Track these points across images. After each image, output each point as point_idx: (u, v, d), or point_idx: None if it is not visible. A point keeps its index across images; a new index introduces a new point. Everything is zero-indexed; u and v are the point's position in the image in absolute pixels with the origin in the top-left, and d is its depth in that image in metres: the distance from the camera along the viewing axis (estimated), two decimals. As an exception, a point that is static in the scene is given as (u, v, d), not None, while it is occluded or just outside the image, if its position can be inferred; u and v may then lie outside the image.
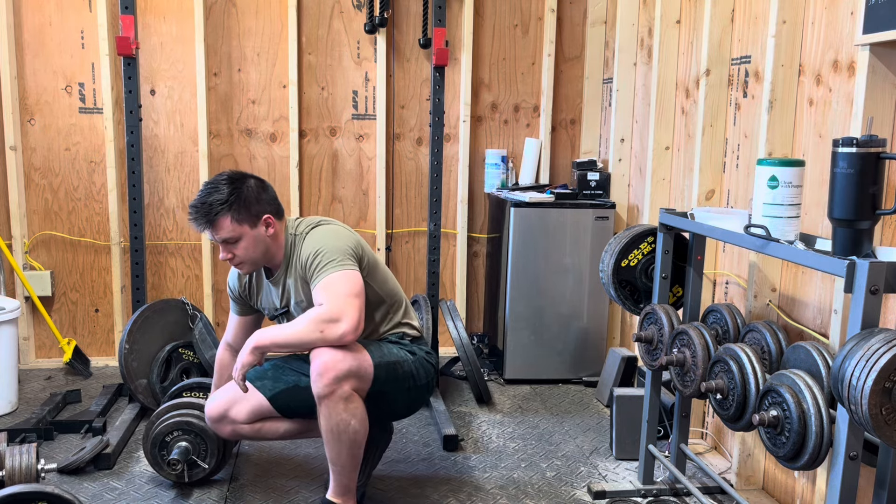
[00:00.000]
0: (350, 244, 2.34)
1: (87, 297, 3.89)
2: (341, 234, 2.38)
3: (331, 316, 2.17)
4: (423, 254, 4.10)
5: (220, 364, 2.64)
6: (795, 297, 2.48)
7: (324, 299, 2.20)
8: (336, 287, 2.21)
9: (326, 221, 2.45)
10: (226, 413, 2.41)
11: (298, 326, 2.19)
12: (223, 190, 2.30)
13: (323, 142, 3.98)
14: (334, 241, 2.33)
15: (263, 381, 2.41)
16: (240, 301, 2.59)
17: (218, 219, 2.29)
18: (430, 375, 2.49)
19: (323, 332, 2.16)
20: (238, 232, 2.31)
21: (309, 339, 2.18)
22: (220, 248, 2.37)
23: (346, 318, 2.17)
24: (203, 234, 2.37)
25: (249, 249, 2.34)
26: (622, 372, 3.44)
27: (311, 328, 2.17)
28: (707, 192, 2.92)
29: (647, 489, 2.65)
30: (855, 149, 1.74)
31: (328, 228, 2.41)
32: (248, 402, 2.39)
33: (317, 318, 2.17)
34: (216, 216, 2.29)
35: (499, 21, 4.03)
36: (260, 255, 2.37)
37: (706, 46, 2.87)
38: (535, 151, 4.05)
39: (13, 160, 3.67)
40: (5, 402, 3.24)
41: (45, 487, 1.98)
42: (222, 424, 2.43)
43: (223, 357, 2.64)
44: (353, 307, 2.19)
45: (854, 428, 1.66)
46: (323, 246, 2.30)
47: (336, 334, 2.17)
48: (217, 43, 3.81)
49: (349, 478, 2.32)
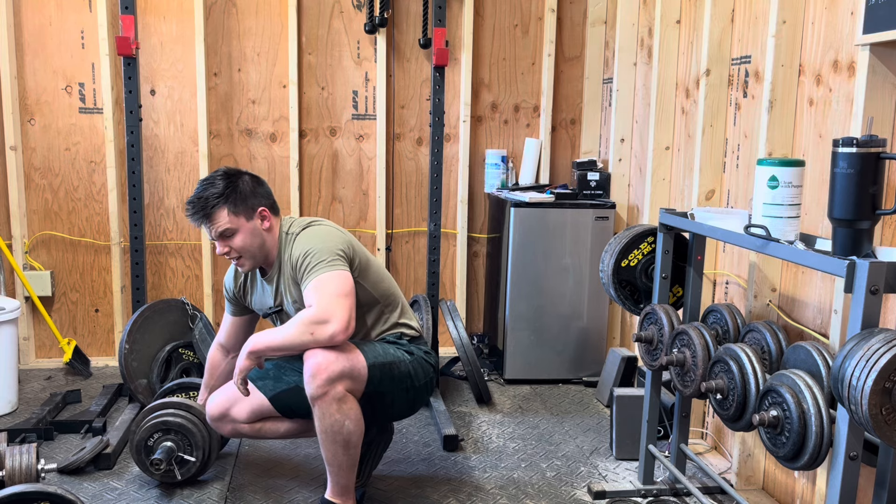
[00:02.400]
0: (340, 244, 2.34)
1: (87, 297, 3.89)
2: (331, 235, 2.38)
3: (320, 317, 2.17)
4: (423, 254, 4.10)
5: (212, 363, 2.66)
6: (795, 297, 2.48)
7: (313, 300, 2.20)
8: (325, 287, 2.21)
9: (318, 222, 2.46)
10: (227, 412, 2.42)
11: (290, 330, 2.19)
12: (218, 184, 2.34)
13: (323, 142, 3.98)
14: (324, 241, 2.33)
15: (265, 381, 2.43)
16: (234, 301, 2.60)
17: (214, 212, 2.32)
18: (430, 375, 2.49)
19: (314, 334, 2.17)
20: (234, 224, 2.33)
21: (300, 342, 2.19)
22: (217, 244, 2.38)
23: (336, 319, 2.17)
24: (201, 229, 2.41)
25: (246, 242, 2.35)
26: (622, 372, 3.44)
27: (302, 330, 2.17)
28: (707, 192, 2.92)
29: (647, 489, 2.65)
30: (855, 149, 1.74)
31: (319, 229, 2.42)
32: (248, 401, 2.40)
33: (306, 320, 2.18)
34: (212, 209, 2.32)
35: (499, 21, 4.04)
36: (257, 248, 2.38)
37: (706, 46, 2.87)
38: (535, 151, 4.05)
39: (13, 160, 3.67)
40: (5, 402, 3.24)
41: (48, 487, 1.98)
42: (223, 423, 2.44)
43: (214, 357, 2.66)
44: (343, 307, 2.19)
45: (854, 428, 1.66)
46: (312, 247, 2.30)
47: (326, 335, 2.17)
48: (217, 43, 3.81)
49: (346, 477, 2.33)
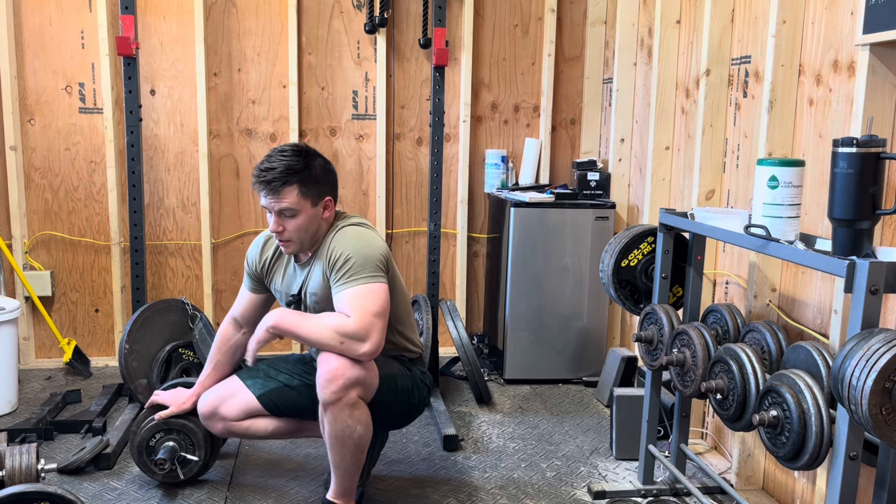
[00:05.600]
0: (382, 255, 2.30)
1: (87, 297, 3.89)
2: (376, 243, 2.32)
3: (356, 334, 2.15)
4: (423, 254, 4.10)
5: (223, 336, 2.59)
6: (795, 297, 2.48)
7: (351, 312, 2.18)
8: (366, 303, 2.18)
9: (365, 224, 2.41)
10: (216, 410, 2.43)
11: (319, 329, 2.18)
12: (298, 160, 2.27)
13: (323, 142, 3.98)
14: (369, 248, 2.28)
15: (255, 380, 2.44)
16: (254, 277, 2.54)
17: (285, 188, 2.24)
18: (423, 395, 2.50)
19: (343, 345, 2.16)
20: (299, 206, 2.26)
21: (325, 345, 2.18)
22: (272, 220, 2.29)
23: (370, 341, 2.16)
24: (262, 198, 2.28)
25: (302, 227, 2.28)
26: (622, 372, 3.44)
27: (332, 336, 2.16)
28: (707, 192, 2.92)
29: (647, 489, 2.65)
30: (855, 149, 1.74)
31: (365, 231, 2.36)
32: (237, 399, 2.42)
33: (341, 329, 2.15)
34: (284, 185, 2.24)
35: (499, 21, 4.04)
36: (310, 236, 2.32)
37: (706, 46, 2.87)
38: (535, 151, 4.05)
39: (13, 160, 3.67)
40: (5, 402, 3.24)
41: (48, 487, 1.98)
42: (213, 421, 2.45)
43: (226, 330, 2.59)
44: (378, 329, 2.18)
45: (854, 428, 1.66)
46: (356, 251, 2.25)
47: (356, 353, 2.16)
48: (217, 43, 3.81)
49: (351, 480, 2.35)
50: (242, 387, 2.43)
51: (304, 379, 2.38)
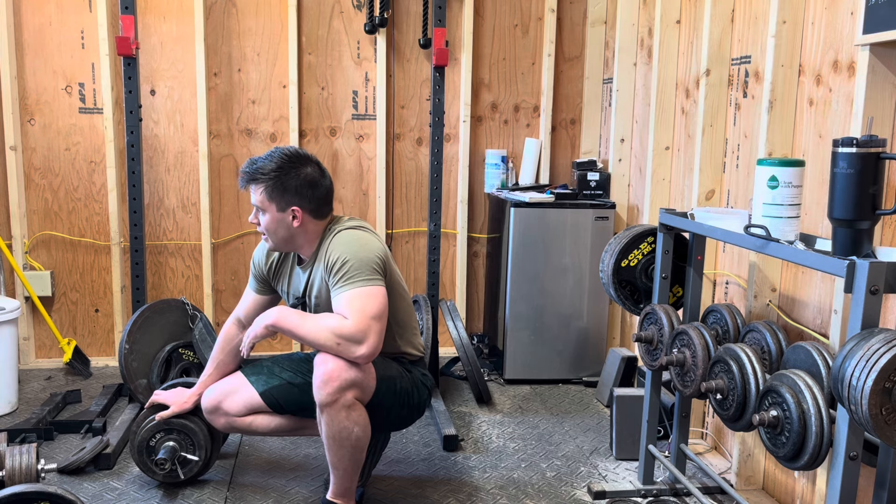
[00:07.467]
0: (378, 256, 2.30)
1: (87, 297, 3.89)
2: (372, 245, 2.33)
3: (353, 336, 2.16)
4: (423, 254, 4.10)
5: (226, 336, 2.59)
6: (795, 297, 2.48)
7: (349, 314, 2.18)
8: (363, 306, 2.19)
9: (364, 227, 2.42)
10: (219, 405, 2.44)
11: (317, 330, 2.19)
12: (275, 164, 2.31)
13: (323, 142, 3.98)
14: (364, 250, 2.29)
15: (258, 377, 2.44)
16: (260, 279, 2.56)
17: (252, 185, 2.33)
18: (423, 397, 2.50)
19: (339, 346, 2.17)
20: (265, 206, 2.33)
21: (323, 346, 2.19)
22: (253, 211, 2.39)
23: (367, 344, 2.17)
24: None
25: (270, 226, 2.34)
26: (622, 372, 3.44)
27: (329, 337, 2.17)
28: (707, 192, 2.92)
29: (647, 489, 2.65)
30: (855, 149, 1.74)
31: (361, 234, 2.36)
32: (241, 395, 2.43)
33: (339, 331, 2.16)
34: (253, 182, 2.33)
35: (499, 21, 4.04)
36: (281, 237, 2.36)
37: (706, 46, 2.87)
38: (535, 151, 4.05)
39: (13, 160, 3.67)
40: (5, 402, 3.24)
41: (48, 487, 1.98)
42: (216, 416, 2.46)
43: (230, 331, 2.60)
44: (376, 332, 2.18)
45: (854, 428, 1.66)
46: (352, 254, 2.25)
47: (352, 355, 2.17)
48: (217, 43, 3.81)
49: (350, 480, 2.34)
50: (246, 383, 2.44)
51: (308, 377, 2.38)
